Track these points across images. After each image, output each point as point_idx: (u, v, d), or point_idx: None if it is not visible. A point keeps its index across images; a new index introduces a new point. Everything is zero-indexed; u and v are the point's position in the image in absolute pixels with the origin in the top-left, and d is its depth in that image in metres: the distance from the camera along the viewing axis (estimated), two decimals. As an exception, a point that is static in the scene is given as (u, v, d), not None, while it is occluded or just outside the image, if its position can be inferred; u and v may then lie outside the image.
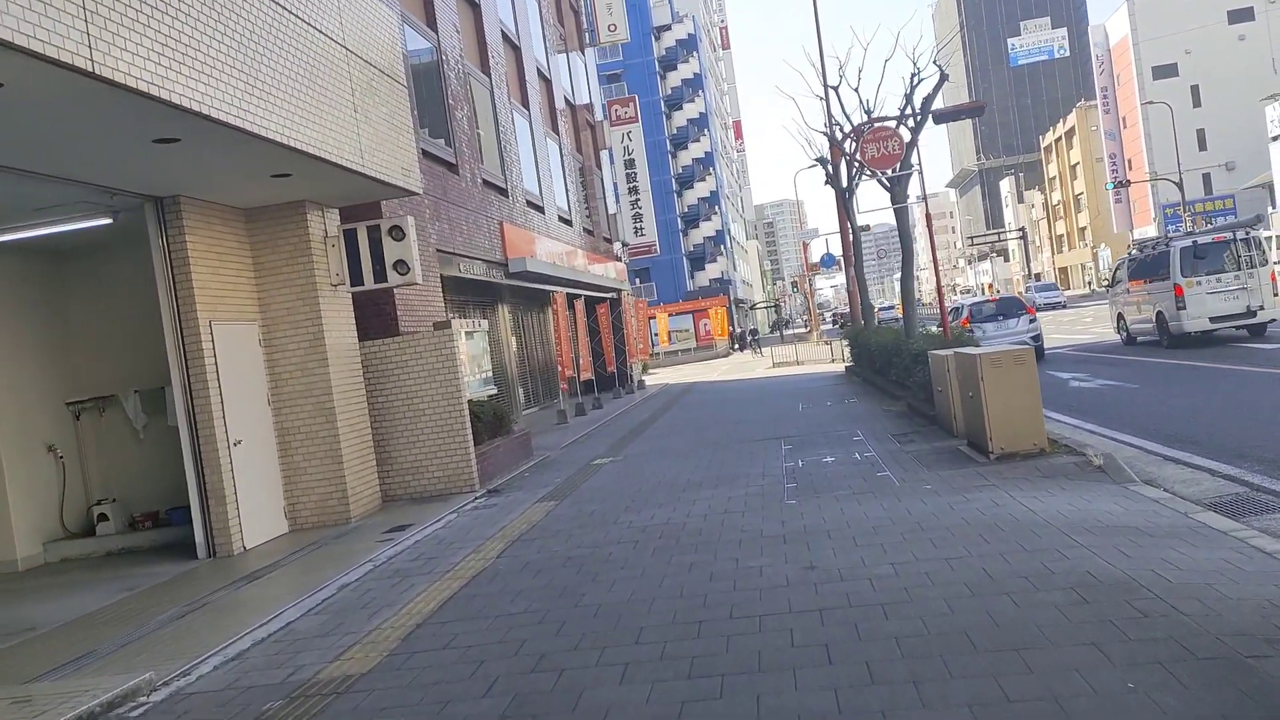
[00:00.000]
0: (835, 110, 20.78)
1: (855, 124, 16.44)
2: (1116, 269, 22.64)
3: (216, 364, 9.29)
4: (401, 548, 8.74)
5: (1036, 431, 9.17)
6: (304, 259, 10.26)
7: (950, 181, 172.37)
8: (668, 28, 71.44)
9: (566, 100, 27.20)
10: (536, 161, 22.23)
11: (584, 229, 26.93)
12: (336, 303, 10.64)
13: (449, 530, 9.42)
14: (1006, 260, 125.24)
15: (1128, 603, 4.72)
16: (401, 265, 10.47)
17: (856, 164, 20.19)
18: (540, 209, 22.05)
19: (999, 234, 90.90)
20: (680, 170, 72.07)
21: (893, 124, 13.15)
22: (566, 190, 25.27)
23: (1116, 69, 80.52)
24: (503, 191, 19.10)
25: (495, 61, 19.67)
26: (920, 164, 13.54)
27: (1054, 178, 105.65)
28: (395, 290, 12.63)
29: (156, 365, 9.76)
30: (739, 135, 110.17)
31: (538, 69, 23.73)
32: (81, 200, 8.41)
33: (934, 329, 22.66)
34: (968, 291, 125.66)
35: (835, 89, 17.15)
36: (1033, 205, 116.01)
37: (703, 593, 5.93)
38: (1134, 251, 21.15)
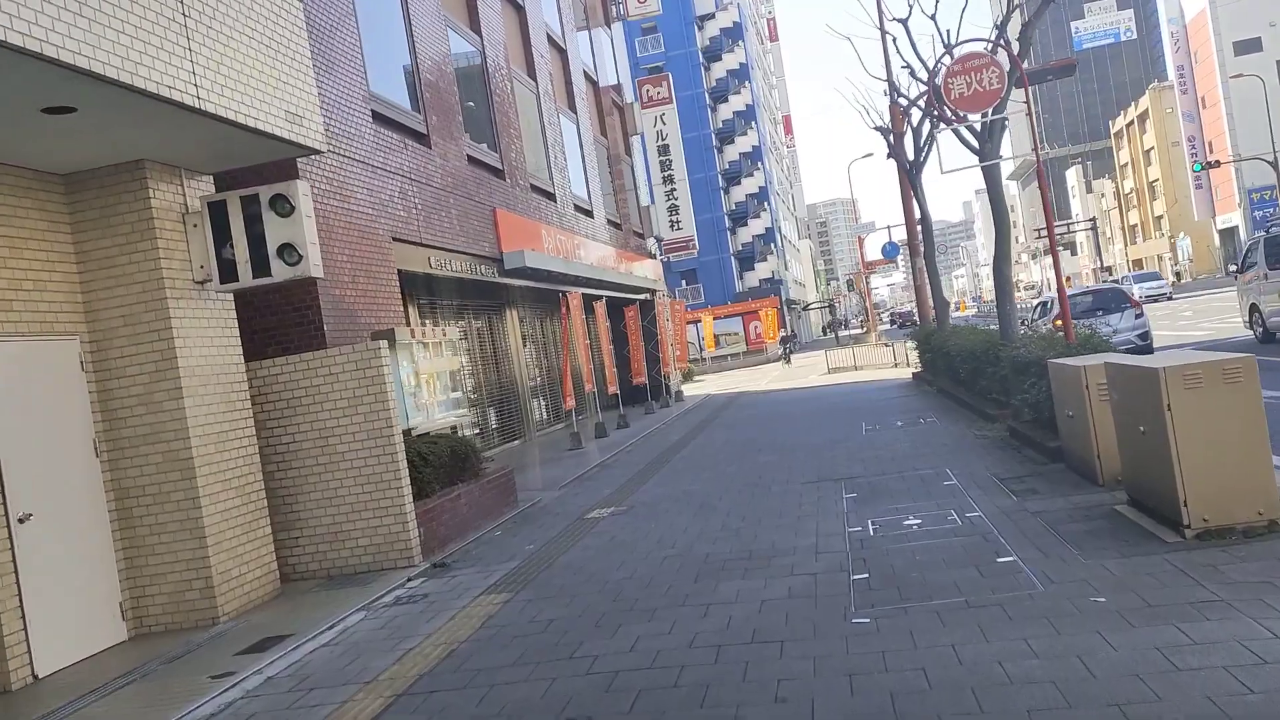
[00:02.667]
0: (905, 50, 17.37)
1: (929, 67, 12.96)
2: (1247, 252, 18.71)
3: (-10, 400, 6.20)
4: (236, 695, 5.52)
5: (1265, 491, 5.66)
6: (146, 245, 7.14)
7: (1011, 174, 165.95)
8: (711, 16, 67.93)
9: (587, 76, 24.00)
10: (546, 141, 19.05)
11: (609, 221, 23.69)
12: (202, 307, 7.50)
13: (331, 653, 6.17)
14: (1074, 254, 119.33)
15: None
16: (289, 251, 7.29)
17: (931, 123, 16.68)
18: (550, 196, 18.84)
19: (1068, 225, 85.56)
20: (727, 166, 68.54)
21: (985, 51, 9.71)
22: (586, 177, 22.05)
23: (1194, 46, 75.08)
24: (497, 173, 15.92)
25: (489, 20, 16.52)
26: (1031, 100, 9.97)
27: (1125, 165, 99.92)
28: (323, 288, 9.51)
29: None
30: (789, 131, 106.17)
31: (548, 35, 20.54)
32: None
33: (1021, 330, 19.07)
34: (1032, 288, 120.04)
35: (905, 21, 13.60)
36: (1102, 195, 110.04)
37: None
38: (1276, 230, 17.23)
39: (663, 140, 33.32)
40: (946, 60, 11.35)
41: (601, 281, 21.15)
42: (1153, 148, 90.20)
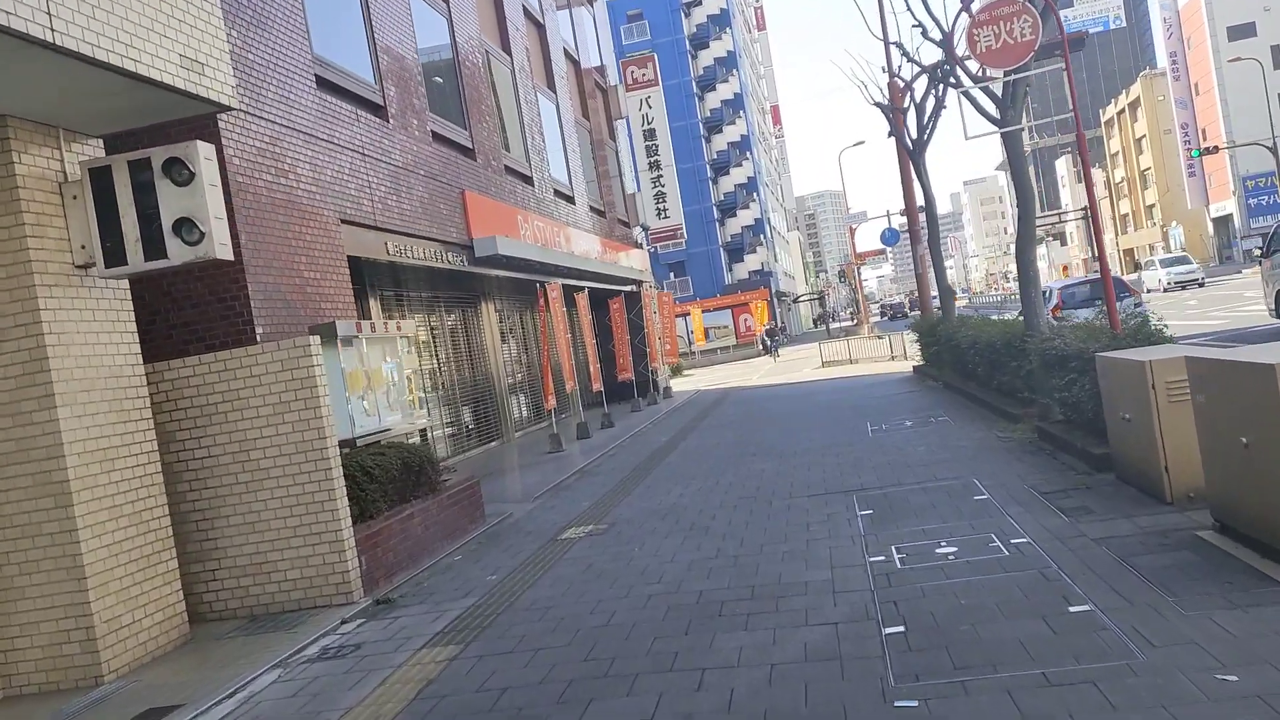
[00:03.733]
0: (916, 6, 15.90)
1: (944, 27, 11.69)
2: (1272, 237, 17.55)
3: None
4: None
5: None
6: (8, 220, 5.81)
7: (1000, 164, 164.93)
8: (698, 3, 66.46)
9: (567, 54, 22.66)
10: (522, 121, 17.72)
11: (591, 209, 22.37)
12: (84, 297, 6.17)
13: (226, 731, 4.89)
14: (1064, 244, 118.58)
15: None
16: (188, 227, 5.96)
17: (938, 94, 15.45)
18: (527, 179, 17.52)
19: (1059, 215, 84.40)
20: (715, 156, 67.15)
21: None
22: (567, 161, 20.73)
23: (1187, 31, 74.11)
24: (467, 153, 14.60)
25: (457, -14, 15.17)
26: (1068, 53, 8.70)
27: (1116, 153, 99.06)
28: (254, 275, 8.20)
29: None
30: (777, 121, 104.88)
31: (524, 8, 19.19)
32: None
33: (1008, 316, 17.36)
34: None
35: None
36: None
37: None
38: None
39: (648, 124, 31.96)
40: (964, 19, 10.08)
41: (584, 272, 19.85)
42: (1144, 136, 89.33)
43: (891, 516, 7.33)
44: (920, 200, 18.88)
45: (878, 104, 17.47)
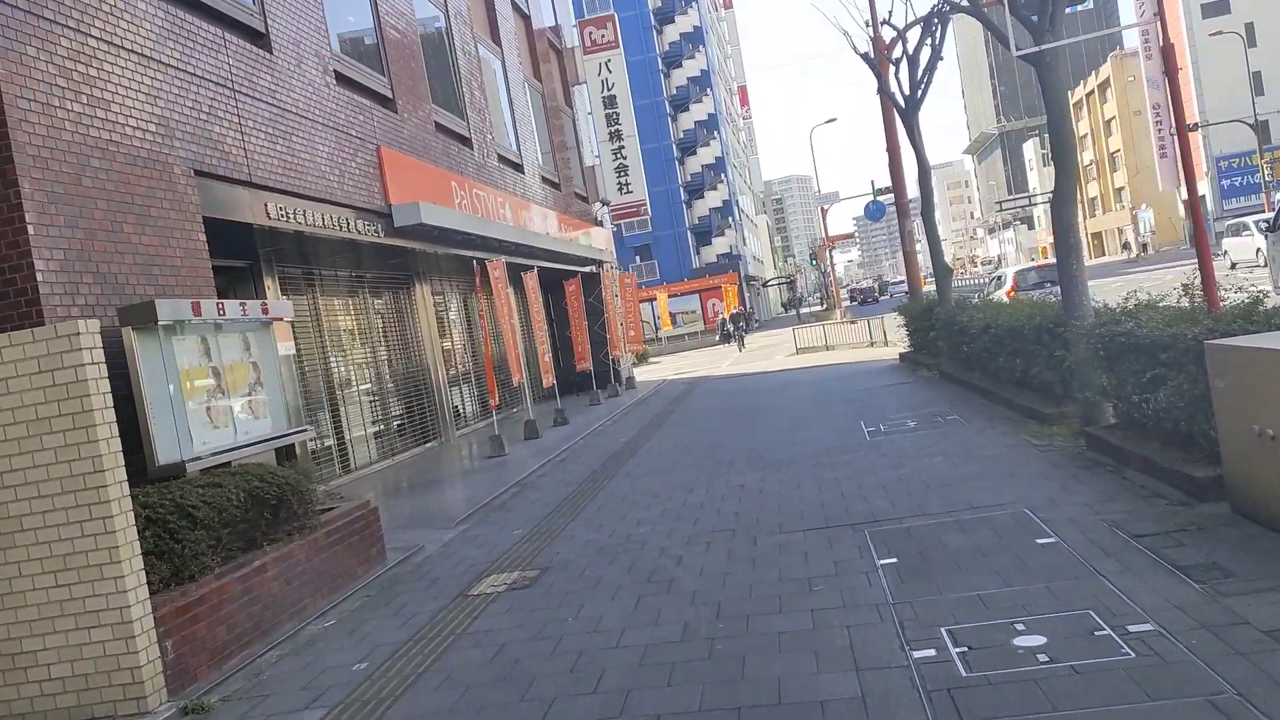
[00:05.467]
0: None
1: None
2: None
3: None
4: None
5: None
6: None
7: (968, 148, 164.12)
8: (663, -24, 64.08)
9: (516, 7, 20.30)
10: (458, 73, 15.40)
11: (544, 180, 20.08)
12: None
13: None
14: (1031, 228, 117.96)
15: None
16: None
17: (932, 41, 13.37)
18: (465, 141, 15.22)
19: (1029, 198, 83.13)
20: (681, 135, 64.93)
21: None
22: (515, 124, 18.43)
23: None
24: (385, 102, 12.29)
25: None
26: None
27: (1085, 136, 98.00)
28: (44, 235, 5.92)
29: None
30: (745, 102, 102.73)
31: (462, -54, 16.83)
32: None
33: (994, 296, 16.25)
34: (989, 263, 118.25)
35: None
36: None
37: None
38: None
39: (608, 90, 29.59)
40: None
41: (535, 249, 17.60)
42: (1114, 118, 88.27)
43: (926, 569, 5.23)
44: (912, 169, 16.85)
45: (863, 55, 15.31)
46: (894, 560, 5.51)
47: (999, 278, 22.50)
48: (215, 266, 7.90)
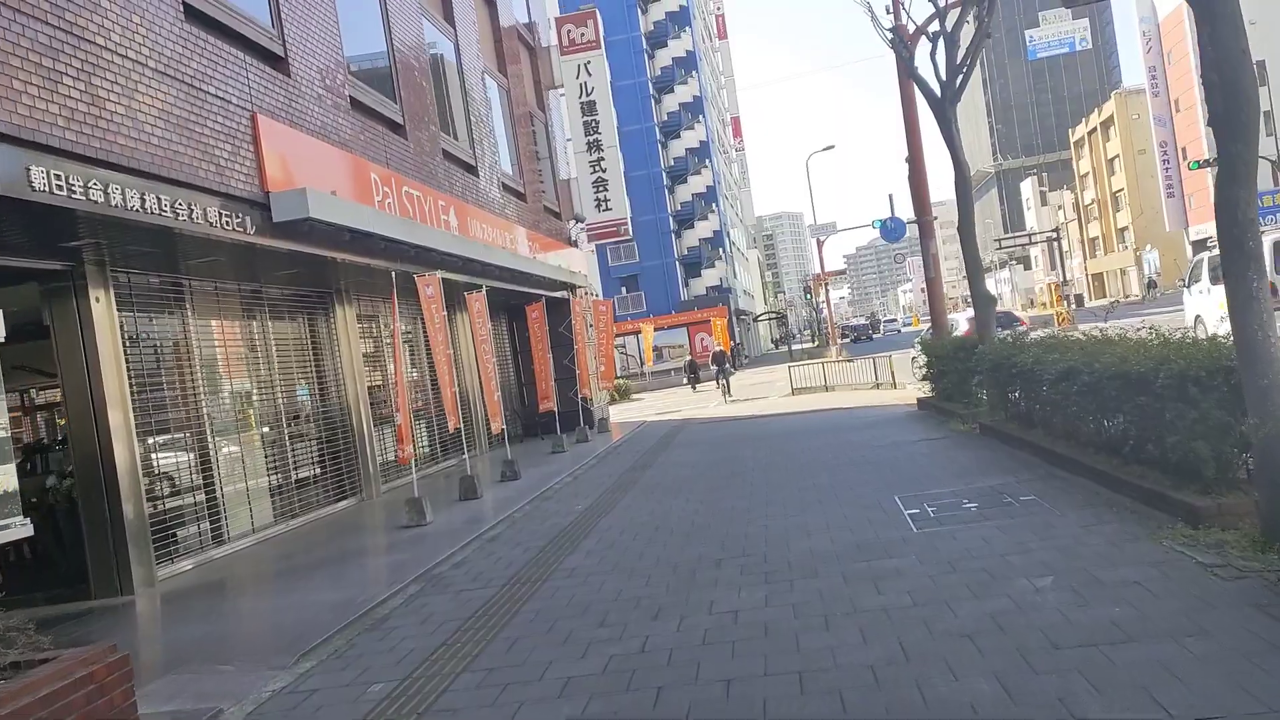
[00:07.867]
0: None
1: None
2: None
3: None
4: None
5: None
6: None
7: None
8: (655, -1, 61.88)
9: (478, -13, 17.51)
10: (391, 42, 12.52)
11: (505, 187, 17.16)
12: None
13: None
14: (1028, 268, 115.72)
15: None
16: None
17: (978, 11, 10.57)
18: (395, 127, 12.30)
19: (1030, 236, 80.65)
20: (672, 162, 62.36)
21: None
22: (468, 119, 15.54)
23: (1167, 46, 71.04)
24: (269, 58, 9.36)
25: None
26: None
27: (1086, 174, 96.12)
28: None
29: None
30: (738, 134, 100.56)
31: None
32: None
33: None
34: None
35: None
36: (1060, 206, 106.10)
37: None
38: None
39: (587, 94, 26.72)
40: None
41: (486, 265, 14.61)
42: (1117, 156, 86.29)
43: None
44: (940, 178, 13.99)
45: (889, 30, 12.46)
46: None
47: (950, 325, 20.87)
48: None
